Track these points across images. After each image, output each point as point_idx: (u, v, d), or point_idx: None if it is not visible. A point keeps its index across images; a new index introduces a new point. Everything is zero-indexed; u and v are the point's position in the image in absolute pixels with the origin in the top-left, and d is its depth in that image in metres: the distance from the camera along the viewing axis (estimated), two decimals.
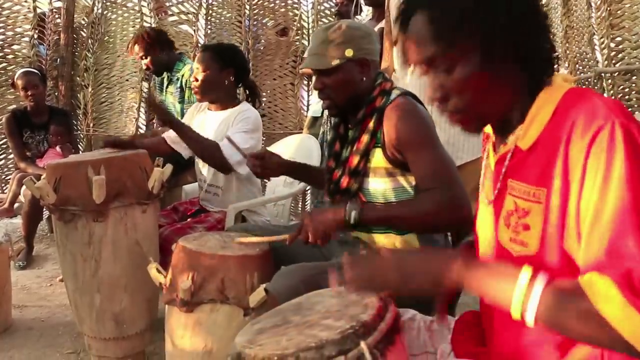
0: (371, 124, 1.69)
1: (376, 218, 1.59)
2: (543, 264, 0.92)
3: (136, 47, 3.60)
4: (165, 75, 3.72)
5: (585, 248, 0.83)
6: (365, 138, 1.70)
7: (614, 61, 3.84)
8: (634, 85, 3.79)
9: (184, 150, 2.69)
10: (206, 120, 2.66)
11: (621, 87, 3.83)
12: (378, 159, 1.69)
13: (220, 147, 2.36)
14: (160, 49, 3.60)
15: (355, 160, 1.72)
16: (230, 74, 2.56)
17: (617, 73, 3.82)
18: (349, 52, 1.69)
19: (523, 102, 0.98)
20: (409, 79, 2.32)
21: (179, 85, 3.59)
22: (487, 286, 0.90)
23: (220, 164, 2.40)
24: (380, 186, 1.71)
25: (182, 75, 3.55)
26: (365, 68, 1.73)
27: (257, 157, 1.99)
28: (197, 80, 2.56)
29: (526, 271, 0.84)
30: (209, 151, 2.39)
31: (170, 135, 2.74)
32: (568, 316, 0.80)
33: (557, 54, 1.00)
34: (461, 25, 0.92)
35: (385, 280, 1.00)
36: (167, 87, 3.71)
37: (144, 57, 3.61)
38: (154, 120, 3.79)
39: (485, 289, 0.91)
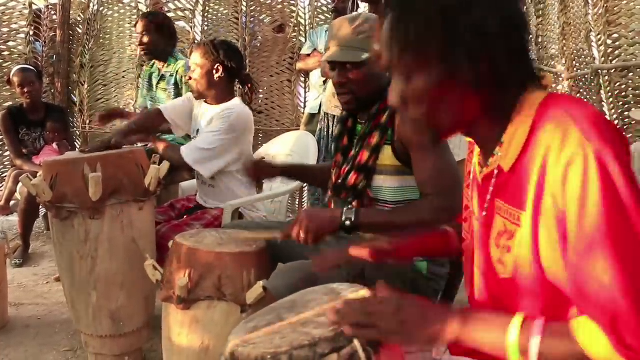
0: (383, 120, 1.68)
1: (372, 223, 1.58)
2: (516, 288, 0.92)
3: (139, 25, 3.56)
4: (155, 70, 3.67)
5: (569, 281, 0.82)
6: (376, 134, 1.68)
7: (610, 58, 3.85)
8: (630, 82, 3.80)
9: (180, 127, 2.79)
10: (201, 112, 2.68)
11: (618, 83, 3.84)
12: (387, 156, 1.68)
13: (180, 149, 2.47)
14: (160, 34, 3.52)
15: (365, 156, 1.70)
16: (218, 71, 2.54)
17: (614, 70, 3.83)
18: (376, 47, 1.68)
19: (500, 120, 0.94)
20: None
21: (173, 82, 3.52)
22: (482, 342, 0.89)
23: (178, 163, 2.48)
24: (388, 184, 1.70)
25: (177, 72, 3.48)
26: None
27: (249, 168, 2.04)
28: (190, 79, 2.57)
29: (517, 321, 0.85)
30: (170, 153, 2.48)
31: (167, 107, 2.78)
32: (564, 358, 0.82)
33: (534, 71, 0.95)
34: (423, 35, 0.88)
35: (382, 324, 0.92)
36: (158, 83, 3.65)
37: (143, 34, 3.53)
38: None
39: (481, 345, 0.89)
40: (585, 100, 3.84)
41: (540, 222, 0.85)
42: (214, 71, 2.52)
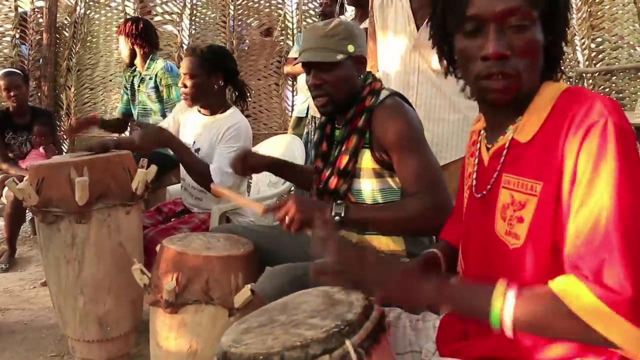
0: (360, 124, 1.68)
1: (360, 219, 1.58)
2: (529, 256, 0.94)
3: (122, 43, 3.56)
4: (137, 73, 3.65)
5: (568, 236, 0.87)
6: (354, 138, 1.69)
7: (594, 61, 3.90)
8: (613, 85, 3.85)
9: None
10: (196, 122, 2.64)
11: (602, 87, 3.89)
12: (366, 159, 1.68)
13: (210, 170, 2.36)
14: (140, 43, 3.51)
15: (344, 160, 1.70)
16: (219, 78, 2.51)
17: (597, 73, 3.88)
18: (350, 48, 1.68)
19: (530, 96, 1.00)
20: (393, 79, 2.33)
21: (152, 85, 3.52)
22: (463, 304, 0.95)
23: (207, 187, 2.37)
24: (368, 187, 1.70)
25: (156, 75, 3.49)
26: (361, 65, 1.73)
27: (239, 160, 1.99)
28: (185, 86, 2.50)
29: (499, 287, 0.88)
30: (200, 173, 2.38)
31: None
32: (545, 321, 0.84)
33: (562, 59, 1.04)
34: None
35: (365, 275, 1.03)
36: (138, 86, 3.63)
37: (128, 55, 3.57)
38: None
39: (461, 307, 0.96)
40: None
41: (563, 187, 0.89)
42: (212, 80, 2.50)
